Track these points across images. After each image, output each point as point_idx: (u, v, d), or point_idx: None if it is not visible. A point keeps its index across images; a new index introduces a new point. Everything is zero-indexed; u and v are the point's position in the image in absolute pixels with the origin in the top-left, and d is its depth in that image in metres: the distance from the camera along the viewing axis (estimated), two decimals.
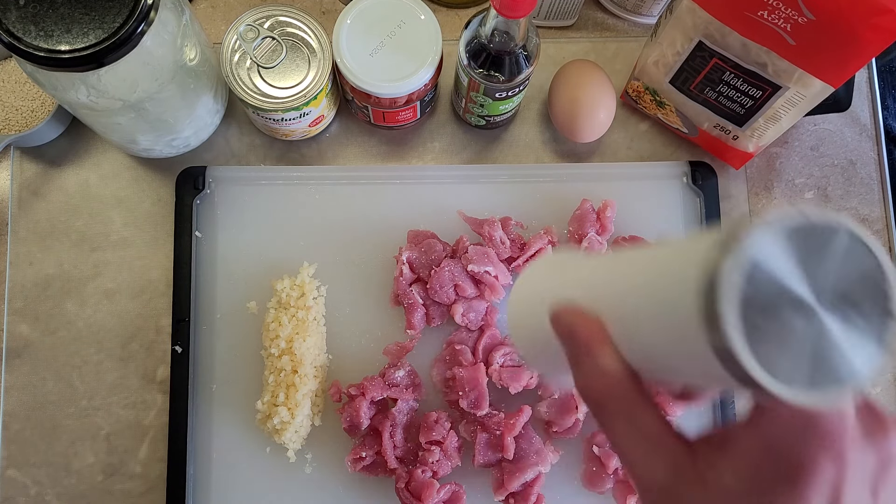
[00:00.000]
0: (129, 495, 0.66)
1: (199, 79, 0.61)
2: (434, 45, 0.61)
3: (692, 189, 0.70)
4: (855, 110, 0.72)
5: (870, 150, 0.73)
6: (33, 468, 0.66)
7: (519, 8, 0.51)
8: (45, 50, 0.49)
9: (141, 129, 0.61)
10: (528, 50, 0.58)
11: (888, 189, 0.72)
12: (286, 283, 0.64)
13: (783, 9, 0.50)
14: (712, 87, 0.61)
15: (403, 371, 0.63)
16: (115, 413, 0.67)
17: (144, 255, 0.69)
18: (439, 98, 0.72)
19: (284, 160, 0.71)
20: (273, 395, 0.61)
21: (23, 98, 0.67)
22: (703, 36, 0.57)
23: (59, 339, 0.68)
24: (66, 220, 0.69)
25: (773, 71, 0.56)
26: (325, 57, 0.61)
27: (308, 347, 0.62)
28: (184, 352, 0.65)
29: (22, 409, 0.67)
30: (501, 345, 0.63)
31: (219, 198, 0.68)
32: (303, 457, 0.64)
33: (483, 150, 0.72)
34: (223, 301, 0.67)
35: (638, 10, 0.73)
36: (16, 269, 0.68)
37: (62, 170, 0.70)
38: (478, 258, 0.63)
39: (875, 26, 0.48)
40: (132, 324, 0.68)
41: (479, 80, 0.60)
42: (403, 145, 0.72)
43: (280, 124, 0.65)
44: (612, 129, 0.70)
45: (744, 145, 0.66)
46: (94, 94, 0.53)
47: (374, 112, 0.66)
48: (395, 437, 0.62)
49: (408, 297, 0.64)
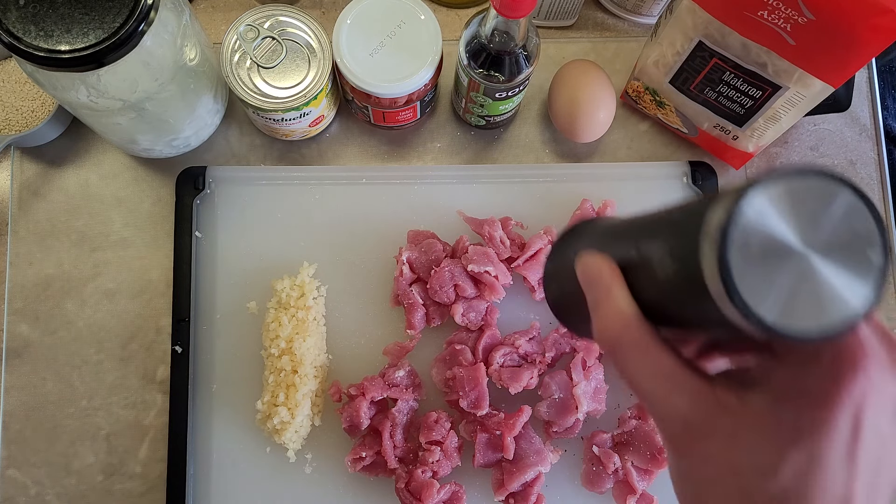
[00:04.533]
0: (129, 495, 0.66)
1: (199, 79, 0.61)
2: (434, 45, 0.61)
3: (692, 189, 0.70)
4: (855, 110, 0.72)
5: (870, 150, 0.73)
6: (33, 468, 0.66)
7: (519, 8, 0.51)
8: (45, 50, 0.49)
9: (141, 129, 0.61)
10: (528, 50, 0.58)
11: (888, 189, 0.72)
12: (286, 283, 0.64)
13: (783, 9, 0.50)
14: (712, 87, 0.61)
15: (403, 371, 0.63)
16: (115, 413, 0.67)
17: (144, 255, 0.69)
18: (439, 98, 0.72)
19: (284, 160, 0.71)
20: (273, 395, 0.61)
21: (23, 98, 0.67)
22: (703, 36, 0.57)
23: (59, 339, 0.68)
24: (66, 220, 0.69)
25: (773, 71, 0.56)
26: (325, 57, 0.61)
27: (308, 347, 0.62)
28: (184, 352, 0.65)
29: (22, 409, 0.67)
30: (501, 345, 0.63)
31: (219, 198, 0.68)
32: (303, 457, 0.64)
33: (483, 150, 0.72)
34: (223, 301, 0.67)
35: (638, 10, 0.73)
36: (16, 269, 0.68)
37: (62, 170, 0.70)
38: (478, 258, 0.63)
39: (875, 26, 0.48)
40: (132, 324, 0.68)
41: (479, 80, 0.60)
42: (403, 145, 0.72)
43: (280, 124, 0.65)
44: (612, 129, 0.70)
45: (744, 145, 0.66)
46: (94, 94, 0.53)
47: (374, 112, 0.66)
48: (395, 437, 0.62)
49: (408, 297, 0.64)
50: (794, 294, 0.25)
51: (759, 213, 0.26)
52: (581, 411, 0.61)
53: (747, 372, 0.31)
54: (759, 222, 0.26)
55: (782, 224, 0.26)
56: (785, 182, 0.26)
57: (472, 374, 0.61)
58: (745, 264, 0.25)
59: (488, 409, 0.62)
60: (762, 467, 0.28)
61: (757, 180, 0.26)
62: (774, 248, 0.26)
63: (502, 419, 0.61)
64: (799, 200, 0.26)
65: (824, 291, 0.26)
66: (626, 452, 0.62)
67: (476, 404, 0.61)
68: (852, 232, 0.26)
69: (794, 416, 0.28)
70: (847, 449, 0.27)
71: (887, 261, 0.26)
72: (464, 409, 0.62)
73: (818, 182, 0.26)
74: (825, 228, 0.26)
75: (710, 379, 0.31)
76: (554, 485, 0.64)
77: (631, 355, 0.32)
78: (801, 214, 0.26)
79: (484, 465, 0.62)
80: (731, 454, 0.29)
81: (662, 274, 0.30)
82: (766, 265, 0.25)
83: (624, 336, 0.32)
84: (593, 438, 0.64)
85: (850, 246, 0.26)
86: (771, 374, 0.29)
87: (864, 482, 0.28)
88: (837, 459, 0.27)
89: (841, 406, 0.27)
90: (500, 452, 0.61)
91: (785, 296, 0.25)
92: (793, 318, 0.25)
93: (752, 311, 0.25)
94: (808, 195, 0.26)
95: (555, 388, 0.63)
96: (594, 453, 0.63)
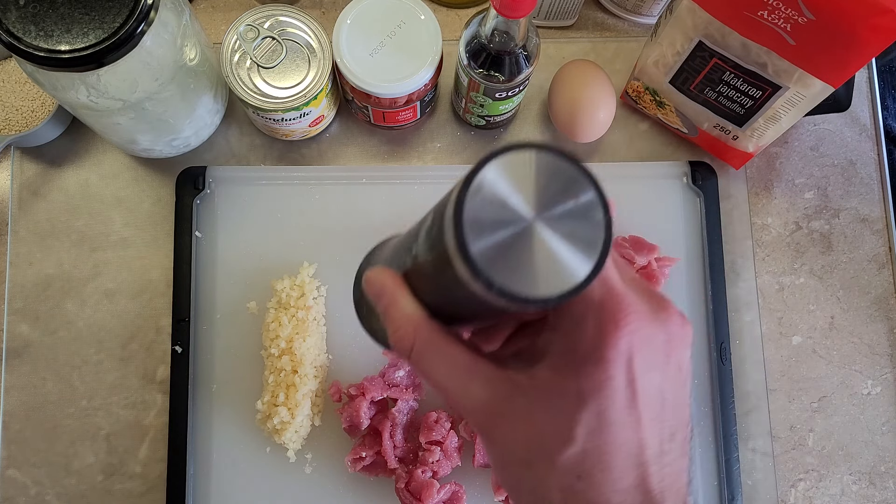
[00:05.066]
0: (129, 495, 0.66)
1: (199, 79, 0.61)
2: (434, 45, 0.61)
3: (692, 189, 0.70)
4: (855, 110, 0.72)
5: (870, 150, 0.73)
6: (33, 468, 0.66)
7: (519, 8, 0.51)
8: (45, 50, 0.49)
9: (141, 129, 0.61)
10: (528, 50, 0.58)
11: (888, 189, 0.72)
12: (286, 283, 0.64)
13: (783, 9, 0.50)
14: (712, 87, 0.61)
15: (403, 371, 0.63)
16: (115, 413, 0.67)
17: (144, 255, 0.69)
18: (439, 98, 0.72)
19: (284, 160, 0.71)
20: (273, 395, 0.61)
21: (23, 98, 0.67)
22: (703, 36, 0.57)
23: (59, 339, 0.68)
24: (66, 220, 0.69)
25: (773, 71, 0.56)
26: (325, 57, 0.61)
27: (308, 347, 0.62)
28: (184, 352, 0.65)
29: (22, 409, 0.67)
30: None
31: (219, 198, 0.68)
32: (303, 457, 0.64)
33: (483, 150, 0.72)
34: (223, 301, 0.67)
35: (638, 10, 0.73)
36: (16, 269, 0.68)
37: (62, 170, 0.70)
38: None
39: (875, 26, 0.48)
40: (132, 324, 0.68)
41: (479, 80, 0.60)
42: (403, 145, 0.72)
43: (280, 124, 0.65)
44: (612, 129, 0.70)
45: (744, 145, 0.66)
46: (94, 94, 0.53)
47: (374, 112, 0.66)
48: (395, 437, 0.62)
49: None
50: (530, 261, 0.26)
51: (492, 186, 0.27)
52: None
53: (533, 348, 0.32)
54: (492, 195, 0.27)
55: (513, 196, 0.27)
56: (510, 156, 0.27)
57: None
58: (480, 240, 0.26)
59: None
60: (558, 435, 0.29)
61: (485, 157, 0.27)
62: (506, 220, 0.27)
63: None
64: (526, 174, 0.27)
65: (557, 257, 0.27)
66: None
67: None
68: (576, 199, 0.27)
69: (575, 381, 0.29)
70: (628, 401, 0.29)
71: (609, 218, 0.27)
72: None
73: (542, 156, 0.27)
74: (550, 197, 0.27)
75: (503, 363, 0.32)
76: None
77: (425, 355, 0.32)
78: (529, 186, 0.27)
79: (484, 465, 0.62)
80: (530, 429, 0.30)
81: (430, 269, 0.31)
82: (500, 237, 0.26)
83: (416, 338, 0.33)
84: None
85: (575, 213, 0.27)
86: (549, 346, 0.31)
87: (651, 428, 0.29)
88: (621, 412, 0.29)
89: (611, 362, 0.28)
90: None
91: (522, 264, 0.26)
92: (531, 284, 0.26)
93: (494, 283, 0.26)
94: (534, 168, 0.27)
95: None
96: None
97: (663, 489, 0.30)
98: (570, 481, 0.29)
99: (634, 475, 0.29)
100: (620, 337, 0.28)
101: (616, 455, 0.29)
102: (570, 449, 0.29)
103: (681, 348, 0.31)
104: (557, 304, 0.27)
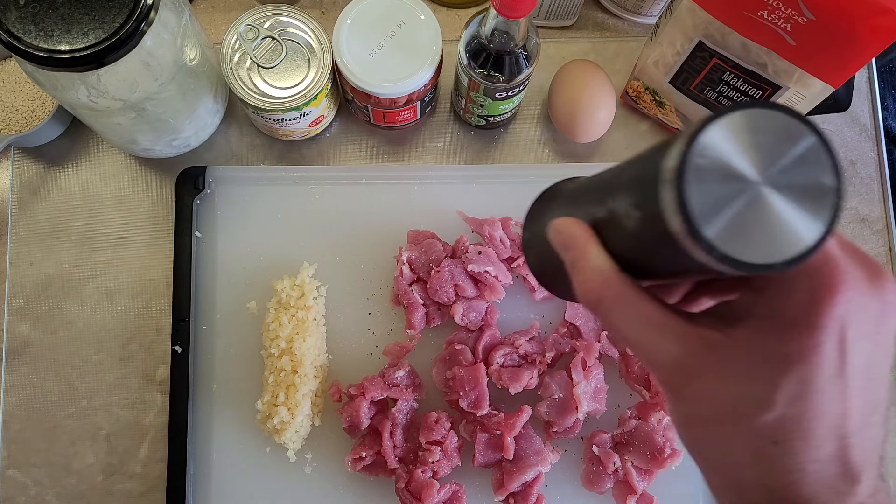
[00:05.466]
0: (129, 495, 0.66)
1: (199, 79, 0.61)
2: (434, 45, 0.61)
3: None
4: (855, 110, 0.72)
5: (870, 150, 0.73)
6: (33, 468, 0.66)
7: (519, 8, 0.51)
8: (45, 50, 0.49)
9: (141, 129, 0.61)
10: (528, 50, 0.58)
11: (888, 189, 0.72)
12: (286, 283, 0.64)
13: (783, 9, 0.50)
14: (712, 87, 0.61)
15: (403, 371, 0.63)
16: (115, 413, 0.67)
17: (144, 255, 0.69)
18: (439, 98, 0.72)
19: (284, 160, 0.71)
20: (273, 395, 0.61)
21: (23, 98, 0.67)
22: (703, 36, 0.57)
23: (59, 339, 0.68)
24: (66, 220, 0.69)
25: (773, 71, 0.56)
26: (325, 57, 0.61)
27: (308, 347, 0.62)
28: (184, 352, 0.65)
29: (22, 409, 0.67)
30: (501, 345, 0.63)
31: (219, 198, 0.68)
32: (303, 457, 0.64)
33: (483, 150, 0.72)
34: (223, 301, 0.67)
35: (638, 10, 0.73)
36: (16, 269, 0.68)
37: (62, 170, 0.70)
38: (478, 258, 0.63)
39: (875, 26, 0.48)
40: (132, 324, 0.68)
41: (479, 80, 0.60)
42: (403, 145, 0.72)
43: (280, 124, 0.65)
44: (612, 129, 0.70)
45: None
46: (94, 94, 0.53)
47: (374, 112, 0.66)
48: (395, 437, 0.62)
49: (408, 297, 0.64)
50: (754, 226, 0.26)
51: (715, 148, 0.26)
52: (581, 411, 0.61)
53: (731, 307, 0.32)
54: (715, 157, 0.26)
55: (739, 157, 0.26)
56: (741, 114, 0.26)
57: (472, 374, 0.61)
58: (703, 202, 0.25)
59: (488, 409, 0.62)
60: (756, 398, 0.29)
61: (711, 116, 0.26)
62: (731, 181, 0.26)
63: (502, 419, 0.61)
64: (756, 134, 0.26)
65: (783, 221, 0.26)
66: (626, 452, 0.62)
67: (476, 404, 0.61)
68: (808, 163, 0.26)
69: (781, 345, 0.28)
70: (836, 370, 0.28)
71: (842, 184, 0.26)
72: (464, 409, 0.62)
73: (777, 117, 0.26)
74: (781, 160, 0.26)
75: (695, 319, 0.31)
76: (554, 485, 0.64)
77: (615, 310, 0.32)
78: (758, 147, 0.26)
79: (484, 465, 0.62)
80: (725, 389, 0.30)
81: (631, 226, 0.30)
82: (724, 200, 0.25)
83: (605, 292, 0.32)
84: (593, 438, 0.64)
85: (806, 177, 0.26)
86: (752, 307, 0.30)
87: (857, 399, 0.28)
88: (828, 380, 0.28)
89: (823, 329, 0.27)
90: (500, 452, 0.61)
91: (746, 229, 0.25)
92: (755, 250, 0.25)
93: (716, 249, 0.25)
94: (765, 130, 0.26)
95: (555, 388, 0.63)
96: (594, 453, 0.63)
97: (863, 462, 0.29)
98: (764, 445, 0.29)
99: (834, 446, 0.28)
100: (836, 304, 0.27)
101: (817, 424, 0.28)
102: (768, 413, 0.28)
103: (893, 318, 0.30)
104: (782, 271, 0.26)
